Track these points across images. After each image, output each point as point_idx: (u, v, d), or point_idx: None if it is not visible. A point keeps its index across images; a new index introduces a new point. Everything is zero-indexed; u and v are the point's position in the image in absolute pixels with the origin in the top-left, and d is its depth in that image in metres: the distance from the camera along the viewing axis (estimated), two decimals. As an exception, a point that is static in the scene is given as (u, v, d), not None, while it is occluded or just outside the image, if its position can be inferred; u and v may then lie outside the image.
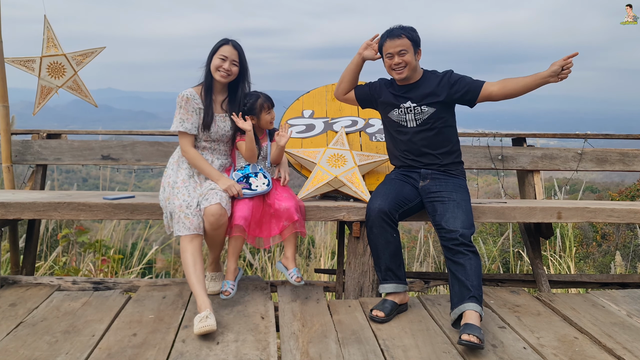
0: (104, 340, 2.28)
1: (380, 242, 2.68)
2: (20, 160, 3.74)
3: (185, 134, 2.73)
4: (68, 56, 3.24)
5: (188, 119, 2.72)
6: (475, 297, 2.39)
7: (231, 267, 2.74)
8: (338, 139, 3.25)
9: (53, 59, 3.20)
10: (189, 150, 2.73)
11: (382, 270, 2.72)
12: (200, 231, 2.55)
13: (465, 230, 2.51)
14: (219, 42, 2.78)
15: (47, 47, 3.19)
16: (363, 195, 2.92)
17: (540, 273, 3.49)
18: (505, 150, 3.82)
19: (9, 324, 2.43)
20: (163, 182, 2.76)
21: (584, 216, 3.07)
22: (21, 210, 2.84)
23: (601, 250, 6.75)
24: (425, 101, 2.79)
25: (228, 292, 2.67)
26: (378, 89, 2.95)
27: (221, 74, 2.74)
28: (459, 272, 2.44)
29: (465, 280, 2.41)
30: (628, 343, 2.35)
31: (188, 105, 2.72)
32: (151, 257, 5.13)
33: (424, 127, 2.81)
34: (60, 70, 3.24)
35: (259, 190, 2.70)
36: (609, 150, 3.90)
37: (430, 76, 2.85)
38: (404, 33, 2.71)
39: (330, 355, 2.19)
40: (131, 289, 3.05)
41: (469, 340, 2.19)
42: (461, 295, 2.41)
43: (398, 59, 2.73)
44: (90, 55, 3.28)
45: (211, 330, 2.29)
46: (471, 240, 2.52)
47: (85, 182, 12.70)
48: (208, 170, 2.71)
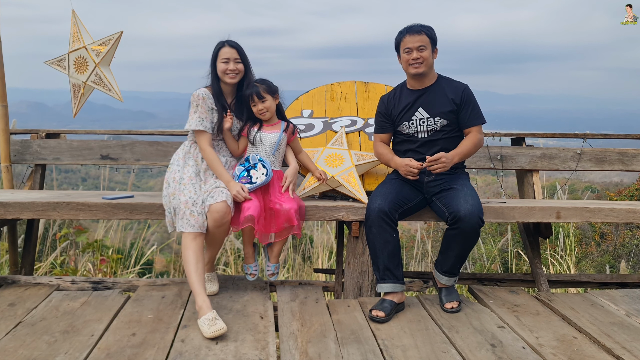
0: (103, 340, 2.28)
1: (378, 242, 2.69)
2: (19, 159, 3.73)
3: (204, 132, 2.74)
4: (88, 47, 2.93)
5: (207, 118, 2.74)
6: (451, 272, 2.77)
7: (249, 252, 2.88)
8: (337, 139, 3.25)
9: (77, 53, 2.92)
10: (207, 149, 2.74)
11: (380, 270, 2.72)
12: (203, 230, 2.55)
13: (477, 211, 2.62)
14: (216, 47, 2.80)
15: (72, 41, 2.95)
16: (359, 195, 2.92)
17: (539, 273, 3.49)
18: (504, 150, 3.82)
19: (8, 323, 2.43)
20: (167, 177, 2.75)
21: (583, 216, 3.07)
22: (20, 210, 2.84)
23: (600, 250, 6.76)
24: (439, 113, 2.81)
25: (254, 274, 2.89)
26: (388, 106, 2.94)
27: (230, 76, 2.77)
28: (454, 244, 2.69)
29: (451, 256, 2.72)
30: (627, 343, 2.35)
31: (205, 104, 2.74)
32: (150, 257, 5.12)
33: (434, 137, 2.84)
34: (84, 65, 2.95)
35: (258, 182, 2.70)
36: (608, 150, 3.90)
37: (445, 84, 2.86)
38: (424, 30, 2.75)
39: (330, 355, 2.19)
40: (130, 289, 3.05)
41: (452, 307, 2.69)
42: (440, 265, 2.78)
43: (417, 54, 2.75)
44: (108, 42, 2.94)
45: (224, 332, 2.30)
46: (483, 221, 2.66)
47: (85, 181, 12.69)
48: (221, 172, 2.71)
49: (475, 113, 2.83)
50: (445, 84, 2.86)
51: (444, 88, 2.84)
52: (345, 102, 3.58)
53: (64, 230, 4.68)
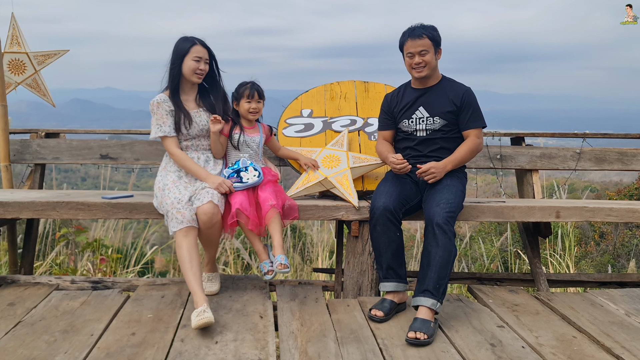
0: (103, 339, 2.28)
1: (383, 240, 2.68)
2: (19, 159, 3.73)
3: (167, 137, 2.75)
4: (30, 55, 3.32)
5: (165, 123, 2.74)
6: (429, 291, 2.46)
7: (260, 248, 2.73)
8: (338, 140, 3.25)
9: (15, 56, 3.29)
10: (175, 152, 2.75)
11: (383, 269, 2.72)
12: (193, 223, 2.54)
13: (444, 213, 2.53)
14: (185, 43, 2.75)
15: (10, 43, 3.28)
16: (350, 198, 2.91)
17: (539, 272, 3.49)
18: (504, 149, 3.82)
19: (8, 323, 2.42)
20: (155, 189, 2.78)
21: (583, 215, 3.07)
22: (20, 209, 2.84)
23: (600, 249, 6.76)
24: (438, 113, 2.82)
25: (271, 272, 2.64)
26: (391, 104, 2.96)
27: (198, 76, 2.77)
28: (424, 258, 2.55)
29: (427, 270, 2.50)
30: (626, 342, 2.35)
31: (160, 110, 2.74)
32: (150, 256, 5.12)
33: (432, 137, 2.85)
34: (21, 67, 3.34)
35: (250, 182, 2.71)
36: (607, 150, 3.90)
37: (448, 85, 2.88)
38: (425, 33, 2.74)
39: (329, 354, 2.19)
40: (130, 289, 3.05)
41: (414, 337, 2.30)
42: (419, 286, 2.53)
43: (419, 58, 2.76)
44: (53, 56, 3.38)
45: (209, 322, 2.30)
46: (447, 223, 2.52)
47: (84, 181, 12.70)
48: (195, 170, 2.72)
49: (475, 116, 2.83)
50: (447, 85, 2.88)
51: (446, 89, 2.86)
52: (344, 102, 3.59)
53: (63, 229, 4.68)
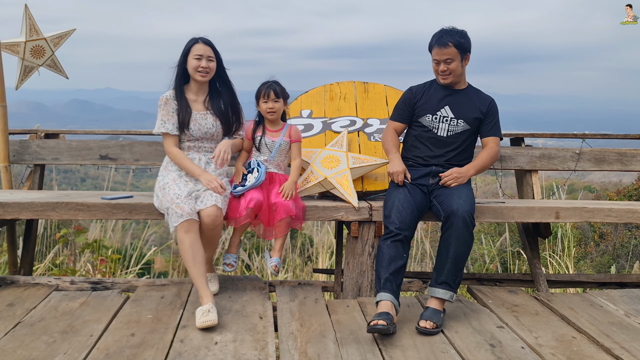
0: (102, 340, 2.28)
1: (389, 255, 2.60)
2: (18, 160, 3.73)
3: (168, 134, 2.77)
4: (48, 39, 3.75)
5: (169, 120, 2.76)
6: (447, 283, 2.56)
7: (235, 241, 2.80)
8: (338, 140, 3.25)
9: (35, 43, 3.71)
10: (172, 150, 2.77)
11: (381, 281, 2.61)
12: (194, 216, 2.53)
13: (469, 206, 2.60)
14: (188, 42, 2.78)
15: (29, 33, 3.68)
16: (349, 198, 2.91)
17: (539, 273, 3.49)
18: (503, 150, 3.82)
19: (7, 324, 2.42)
20: (155, 189, 2.78)
21: (582, 216, 3.08)
22: (19, 210, 2.84)
23: (599, 250, 6.77)
24: (464, 117, 2.84)
25: (232, 265, 2.74)
26: (416, 96, 2.95)
27: (201, 74, 2.76)
28: (443, 249, 2.60)
29: (446, 261, 2.56)
30: (626, 342, 2.35)
31: (168, 106, 2.76)
32: (149, 257, 5.12)
33: (452, 140, 2.86)
34: (41, 52, 3.77)
35: (248, 185, 2.73)
36: (607, 150, 3.90)
37: (474, 93, 2.92)
38: (452, 40, 2.74)
39: (329, 355, 2.19)
40: (129, 289, 3.05)
41: (424, 327, 2.41)
42: (436, 276, 2.59)
43: (444, 66, 2.79)
44: (65, 36, 3.85)
45: (212, 324, 2.33)
46: (472, 216, 2.60)
47: (84, 182, 12.69)
48: (190, 167, 2.73)
49: (496, 126, 2.92)
50: (474, 93, 2.93)
51: (472, 96, 2.90)
52: (344, 102, 3.59)
53: (63, 230, 4.68)
